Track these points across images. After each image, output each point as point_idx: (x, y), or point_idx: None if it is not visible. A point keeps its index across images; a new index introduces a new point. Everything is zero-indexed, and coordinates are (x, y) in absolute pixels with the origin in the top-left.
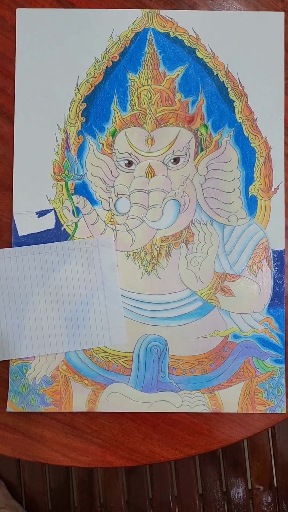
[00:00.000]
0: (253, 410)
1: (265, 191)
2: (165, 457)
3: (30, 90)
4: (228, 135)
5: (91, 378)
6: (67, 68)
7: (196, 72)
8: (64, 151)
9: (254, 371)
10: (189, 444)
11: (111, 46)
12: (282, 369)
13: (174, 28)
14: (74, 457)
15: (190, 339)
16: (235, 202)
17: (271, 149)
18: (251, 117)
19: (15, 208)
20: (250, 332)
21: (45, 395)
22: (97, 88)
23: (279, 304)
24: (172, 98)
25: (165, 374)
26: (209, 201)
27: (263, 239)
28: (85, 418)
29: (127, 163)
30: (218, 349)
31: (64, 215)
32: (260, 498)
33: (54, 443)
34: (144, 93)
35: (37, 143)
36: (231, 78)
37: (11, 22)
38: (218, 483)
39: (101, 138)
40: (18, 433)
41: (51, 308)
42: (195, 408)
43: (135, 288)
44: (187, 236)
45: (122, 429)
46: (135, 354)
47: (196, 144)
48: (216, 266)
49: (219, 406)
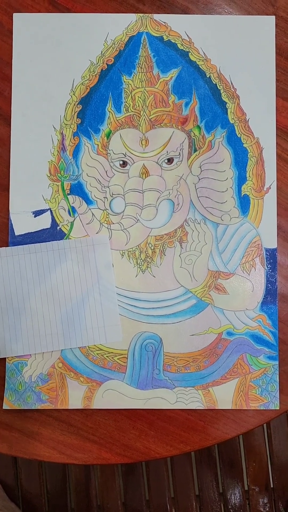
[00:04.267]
0: (247, 407)
1: (257, 191)
2: (160, 454)
3: (27, 92)
4: (221, 136)
5: (86, 375)
6: (63, 71)
7: (189, 75)
8: (60, 152)
9: (248, 367)
10: (184, 441)
11: (106, 49)
12: (276, 366)
13: (168, 32)
14: (70, 454)
15: (184, 336)
16: (228, 201)
17: (263, 149)
18: (243, 118)
19: (12, 208)
20: (244, 329)
21: (41, 392)
22: (92, 90)
23: (272, 301)
24: (165, 100)
25: (160, 371)
26: (202, 200)
27: (256, 237)
28: (81, 415)
29: (122, 163)
30: (212, 346)
31: (60, 215)
32: (257, 498)
33: (50, 440)
34: (138, 95)
35: (33, 144)
36: (224, 80)
37: (8, 27)
38: (215, 484)
39: (96, 139)
40: (14, 430)
41: (47, 307)
42: (190, 405)
43: (130, 286)
44: (181, 235)
45: (118, 426)
46: (130, 352)
47: (190, 144)
48: (209, 264)
49: (214, 403)
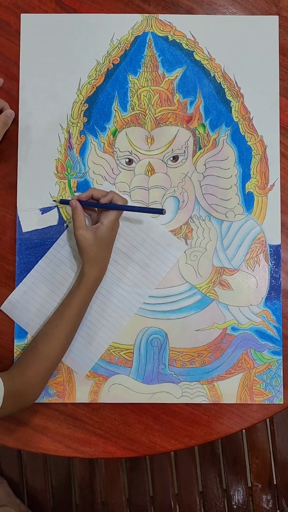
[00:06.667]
0: (252, 401)
1: (261, 188)
2: (165, 448)
3: (34, 91)
4: (225, 134)
5: (93, 370)
6: (69, 71)
7: (194, 74)
8: (66, 150)
9: (252, 362)
10: (189, 435)
11: (112, 49)
12: (280, 361)
13: (173, 32)
14: (76, 448)
15: (189, 331)
16: (232, 198)
17: (267, 147)
18: (247, 116)
19: (19, 205)
20: (248, 324)
21: (49, 386)
22: (99, 89)
23: (275, 297)
24: (171, 99)
25: (165, 366)
26: (207, 197)
27: (260, 234)
28: (87, 410)
29: (128, 161)
30: (217, 341)
31: (67, 212)
32: (260, 495)
33: (56, 434)
34: (144, 94)
35: (40, 142)
36: (228, 79)
37: (15, 27)
38: (218, 481)
39: (103, 137)
40: (21, 424)
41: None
42: (195, 399)
43: None
44: (186, 232)
45: (123, 420)
46: (136, 347)
47: (195, 142)
48: (214, 260)
49: (218, 397)
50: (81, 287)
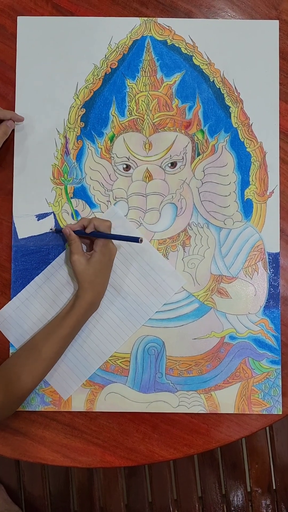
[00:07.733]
0: (250, 411)
1: (260, 195)
2: (164, 457)
3: (30, 96)
4: (224, 140)
5: (89, 378)
6: (66, 75)
7: (192, 79)
8: (63, 155)
9: (250, 372)
10: (188, 444)
11: (110, 53)
12: (278, 370)
13: (171, 36)
14: (74, 457)
15: (187, 340)
16: (231, 205)
17: (266, 153)
18: (247, 122)
19: (15, 211)
20: (246, 333)
21: (45, 394)
22: (96, 94)
23: (274, 305)
24: (169, 104)
25: (162, 374)
26: (205, 204)
27: (259, 241)
28: (84, 419)
29: (125, 167)
30: (215, 350)
31: (63, 218)
32: (259, 500)
33: (54, 444)
34: (142, 99)
35: (36, 147)
36: (227, 84)
37: (11, 30)
38: (217, 486)
39: (100, 143)
40: (18, 433)
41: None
42: (192, 409)
43: None
44: (184, 239)
45: (121, 429)
46: (133, 355)
47: (193, 148)
48: (212, 268)
49: (216, 407)
50: (75, 309)
